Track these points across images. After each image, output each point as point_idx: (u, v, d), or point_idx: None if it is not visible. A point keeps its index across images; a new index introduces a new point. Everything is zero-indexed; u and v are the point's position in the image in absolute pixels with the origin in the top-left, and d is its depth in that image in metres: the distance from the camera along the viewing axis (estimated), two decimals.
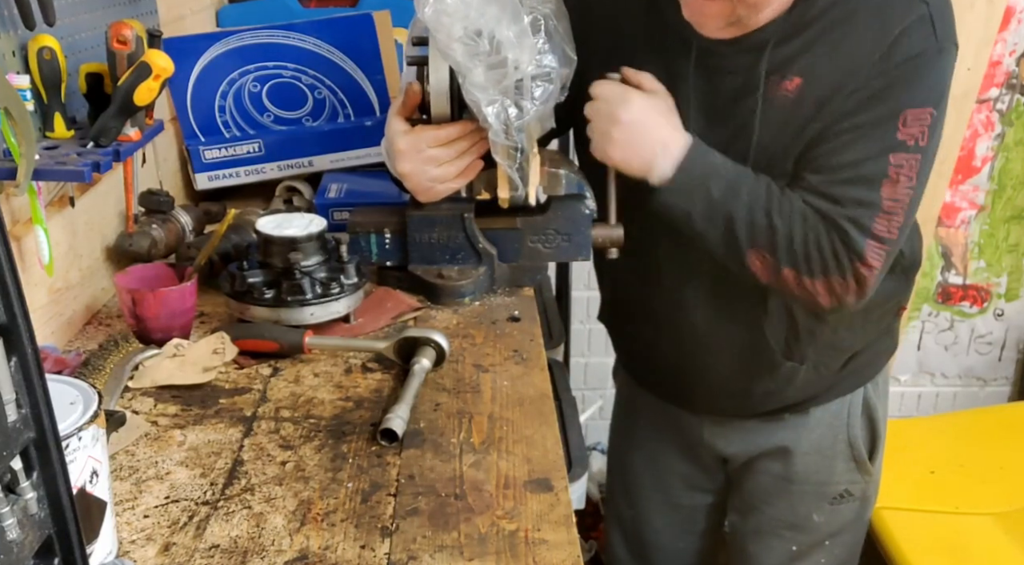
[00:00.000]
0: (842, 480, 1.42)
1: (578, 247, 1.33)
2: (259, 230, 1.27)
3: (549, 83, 1.16)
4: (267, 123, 1.71)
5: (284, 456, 0.98)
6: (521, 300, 1.37)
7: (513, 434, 1.02)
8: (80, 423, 0.73)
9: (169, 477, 0.94)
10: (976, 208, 2.66)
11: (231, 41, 1.63)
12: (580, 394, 2.60)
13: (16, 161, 1.00)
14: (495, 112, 1.15)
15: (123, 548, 0.83)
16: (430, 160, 1.25)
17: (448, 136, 1.24)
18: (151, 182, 1.53)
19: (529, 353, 1.21)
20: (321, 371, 1.16)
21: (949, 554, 1.95)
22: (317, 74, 1.68)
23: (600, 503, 2.52)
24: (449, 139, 1.24)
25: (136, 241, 1.35)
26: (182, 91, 1.64)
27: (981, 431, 2.43)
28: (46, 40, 1.10)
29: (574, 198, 1.31)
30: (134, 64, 1.15)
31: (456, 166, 1.26)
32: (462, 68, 1.13)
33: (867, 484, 1.44)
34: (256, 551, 0.83)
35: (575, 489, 1.84)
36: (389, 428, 0.99)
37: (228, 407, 1.08)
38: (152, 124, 1.26)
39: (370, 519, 0.88)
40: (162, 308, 1.17)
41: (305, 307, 1.23)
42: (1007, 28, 2.44)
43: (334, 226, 1.43)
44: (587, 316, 2.67)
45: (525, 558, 0.83)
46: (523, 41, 1.12)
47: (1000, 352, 2.83)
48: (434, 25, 1.11)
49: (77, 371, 1.08)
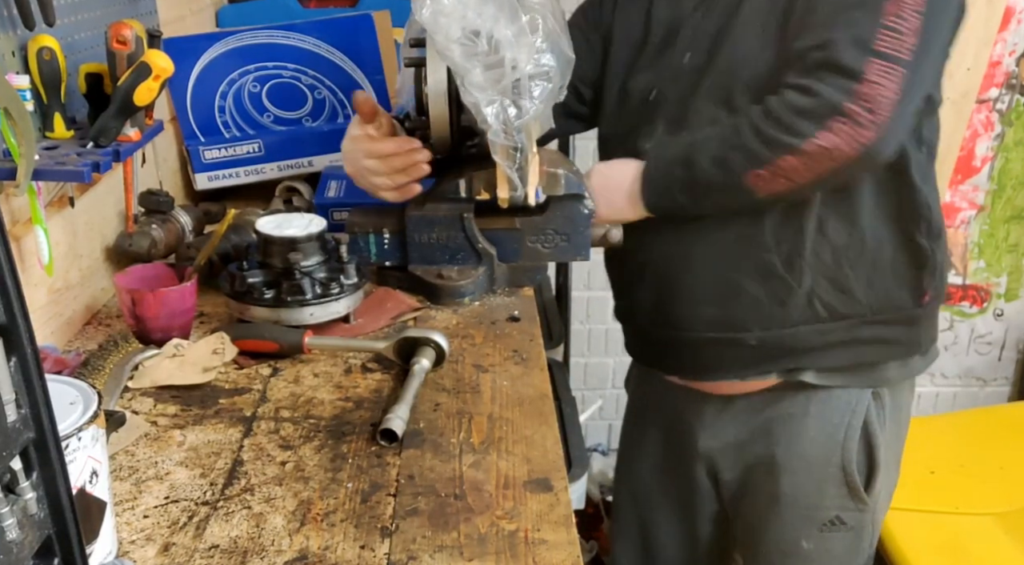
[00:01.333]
0: (833, 505, 1.35)
1: (577, 247, 1.33)
2: (259, 230, 1.27)
3: (548, 82, 1.16)
4: (267, 123, 1.71)
5: (284, 456, 0.98)
6: (521, 300, 1.37)
7: (513, 434, 1.02)
8: (80, 423, 0.73)
9: (169, 477, 0.94)
10: (976, 208, 2.66)
11: (231, 41, 1.63)
12: (580, 394, 2.61)
13: (16, 161, 1.00)
14: (494, 112, 1.15)
15: (123, 548, 0.83)
16: (366, 169, 1.28)
17: (380, 151, 1.26)
18: (151, 182, 1.53)
19: (529, 353, 1.21)
20: (321, 371, 1.16)
21: (949, 554, 1.95)
22: (317, 74, 1.68)
23: (600, 503, 2.52)
24: (381, 154, 1.26)
25: (136, 241, 1.35)
26: (182, 91, 1.64)
27: (981, 431, 2.43)
28: (46, 40, 1.10)
29: (573, 198, 1.31)
30: (134, 64, 1.15)
31: (392, 180, 1.28)
32: (460, 69, 1.13)
33: (862, 514, 1.36)
34: (256, 551, 0.83)
35: (575, 489, 1.84)
36: (389, 428, 0.99)
37: (228, 407, 1.08)
38: (152, 124, 1.26)
39: (370, 519, 0.88)
40: (162, 308, 1.17)
41: (305, 307, 1.23)
42: (1007, 28, 2.44)
43: (334, 226, 1.43)
44: (587, 316, 2.67)
45: (525, 558, 0.83)
46: (521, 40, 1.12)
47: (1000, 352, 2.84)
48: (431, 26, 1.11)
49: (77, 371, 1.08)
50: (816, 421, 1.32)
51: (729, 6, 1.20)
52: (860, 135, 1.05)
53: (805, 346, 1.27)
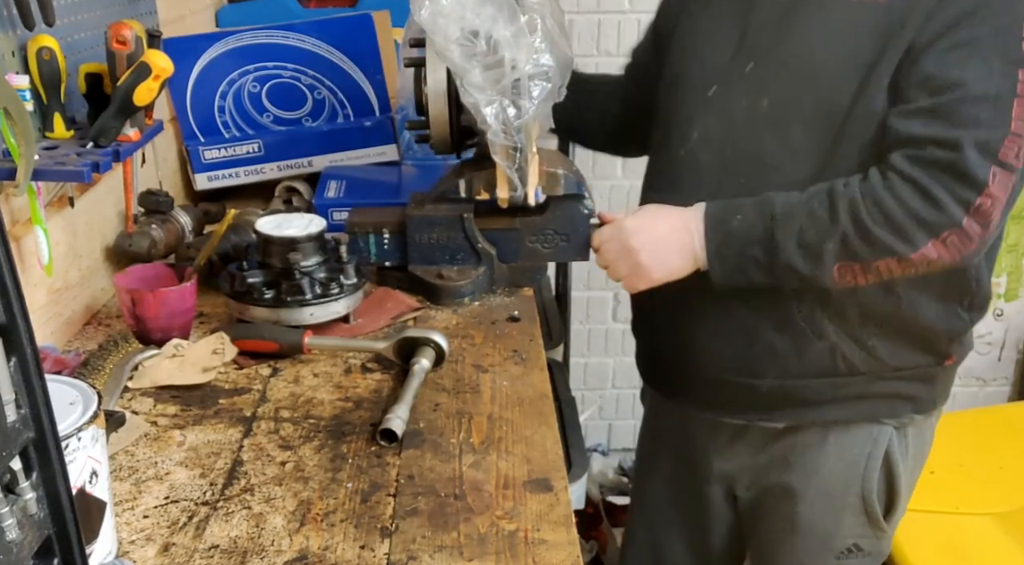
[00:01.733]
0: (851, 534, 1.30)
1: (577, 247, 1.33)
2: (259, 230, 1.27)
3: (547, 82, 1.16)
4: (267, 123, 1.71)
5: (284, 456, 0.98)
6: (521, 300, 1.37)
7: (513, 434, 1.02)
8: (80, 423, 0.73)
9: (169, 477, 0.94)
10: None
11: (231, 41, 1.63)
12: (580, 394, 2.61)
13: (16, 161, 1.00)
14: (493, 112, 1.15)
15: (123, 548, 0.83)
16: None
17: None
18: (151, 182, 1.53)
19: (528, 353, 1.21)
20: (321, 371, 1.16)
21: (949, 554, 1.95)
22: (317, 74, 1.68)
23: (600, 503, 2.52)
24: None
25: (136, 241, 1.35)
26: (182, 91, 1.64)
27: (981, 431, 2.43)
28: (45, 40, 1.10)
29: (573, 198, 1.31)
30: (134, 64, 1.15)
31: None
32: (459, 69, 1.13)
33: (879, 540, 1.32)
34: (256, 551, 0.83)
35: (575, 489, 1.84)
36: (389, 428, 0.99)
37: (228, 407, 1.08)
38: (151, 124, 1.26)
39: (370, 519, 0.88)
40: (162, 308, 1.17)
41: (305, 307, 1.23)
42: None
43: (333, 226, 1.43)
44: (587, 316, 2.67)
45: (525, 558, 0.83)
46: (520, 40, 1.12)
47: (1000, 352, 2.83)
48: (430, 27, 1.11)
49: (77, 371, 1.08)
50: (836, 451, 1.26)
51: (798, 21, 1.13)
52: (966, 247, 1.02)
53: (819, 398, 1.22)
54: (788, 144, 1.13)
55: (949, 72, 1.00)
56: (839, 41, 1.09)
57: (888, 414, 1.24)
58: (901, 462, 1.27)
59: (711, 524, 1.47)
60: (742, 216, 1.10)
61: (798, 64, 1.12)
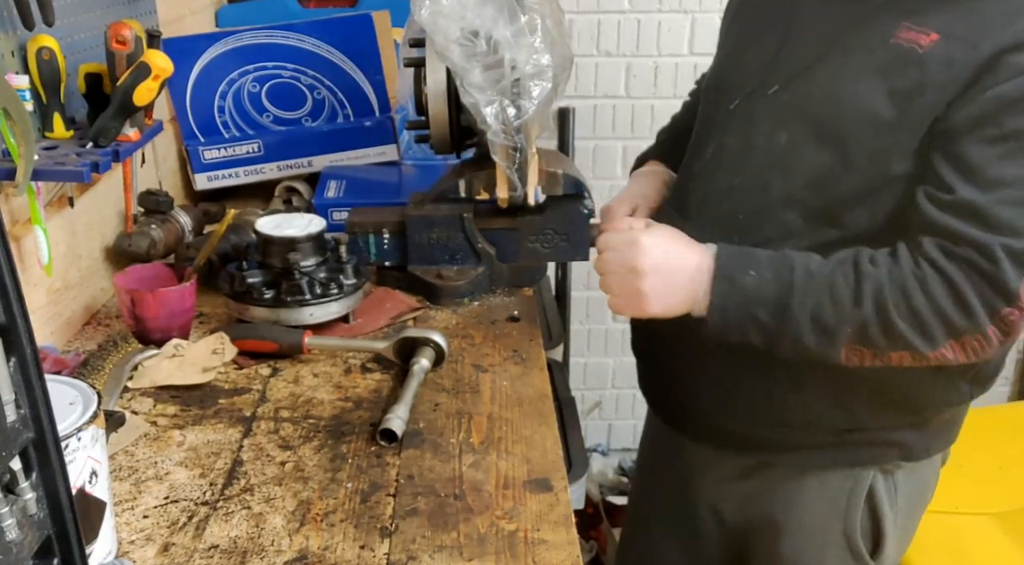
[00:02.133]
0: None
1: (576, 247, 1.33)
2: (258, 230, 1.27)
3: (547, 82, 1.16)
4: (266, 123, 1.71)
5: (283, 456, 0.98)
6: (520, 300, 1.37)
7: (512, 434, 1.02)
8: (79, 423, 0.73)
9: (168, 477, 0.94)
10: None
11: (230, 41, 1.63)
12: (580, 394, 2.61)
13: (15, 161, 1.00)
14: (493, 112, 1.15)
15: (122, 548, 0.83)
16: None
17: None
18: (150, 182, 1.53)
19: (528, 353, 1.21)
20: (320, 371, 1.16)
21: (949, 554, 1.95)
22: (316, 74, 1.68)
23: (600, 503, 2.52)
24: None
25: (135, 241, 1.35)
26: (181, 91, 1.64)
27: (981, 431, 2.42)
28: (45, 40, 1.10)
29: (572, 198, 1.31)
30: (133, 64, 1.15)
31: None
32: (459, 69, 1.13)
33: None
34: (255, 551, 0.83)
35: (575, 489, 1.84)
36: (388, 428, 0.99)
37: (227, 407, 1.08)
38: (151, 124, 1.26)
39: (369, 519, 0.88)
40: (161, 308, 1.17)
41: (304, 307, 1.23)
42: None
43: (333, 226, 1.43)
44: (586, 316, 2.67)
45: (524, 558, 0.83)
46: (520, 41, 1.12)
47: None
48: (431, 27, 1.11)
49: (76, 371, 1.08)
50: (815, 483, 1.20)
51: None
52: (984, 353, 0.98)
53: (795, 444, 1.17)
54: (792, 197, 1.07)
55: (991, 168, 0.95)
56: (865, 84, 1.01)
57: (870, 461, 1.17)
58: (887, 503, 1.19)
59: (703, 543, 1.42)
60: (756, 273, 1.01)
61: (817, 108, 1.04)
